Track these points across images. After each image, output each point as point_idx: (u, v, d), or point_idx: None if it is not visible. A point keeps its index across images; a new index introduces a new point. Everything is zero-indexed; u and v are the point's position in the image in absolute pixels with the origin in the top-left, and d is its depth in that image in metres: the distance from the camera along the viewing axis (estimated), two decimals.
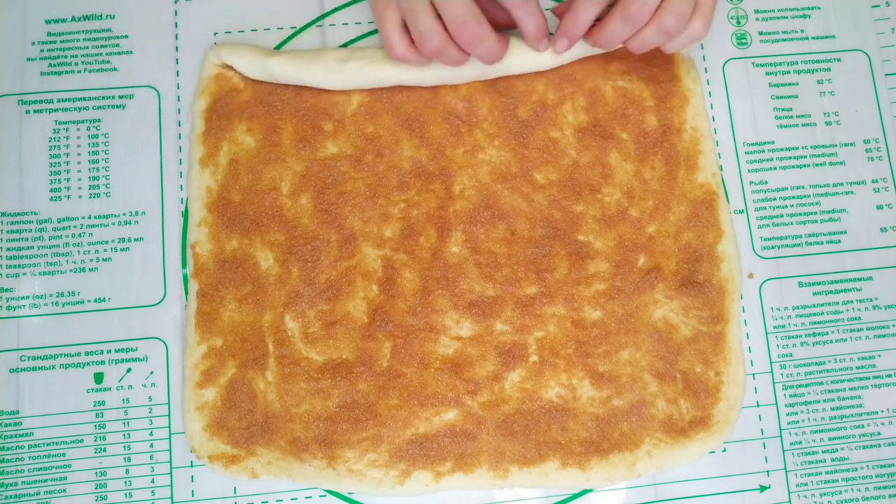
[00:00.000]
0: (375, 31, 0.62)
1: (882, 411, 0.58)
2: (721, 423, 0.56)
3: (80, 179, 0.59)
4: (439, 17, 0.53)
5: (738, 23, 0.63)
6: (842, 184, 0.61)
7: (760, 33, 0.63)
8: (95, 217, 0.58)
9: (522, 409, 0.56)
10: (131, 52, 0.61)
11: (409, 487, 0.55)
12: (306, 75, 0.58)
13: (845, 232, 0.60)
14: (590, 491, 0.56)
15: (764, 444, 0.57)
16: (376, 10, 0.56)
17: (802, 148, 0.62)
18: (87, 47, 0.61)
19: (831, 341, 0.59)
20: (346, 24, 0.62)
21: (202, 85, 0.60)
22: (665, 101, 0.60)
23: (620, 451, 0.55)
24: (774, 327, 0.59)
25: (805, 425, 0.58)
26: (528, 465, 0.55)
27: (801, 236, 0.60)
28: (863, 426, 0.58)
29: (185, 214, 0.59)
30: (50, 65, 0.60)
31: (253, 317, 0.57)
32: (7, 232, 0.58)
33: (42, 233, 0.58)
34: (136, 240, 0.58)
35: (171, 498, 0.55)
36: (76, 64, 0.60)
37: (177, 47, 0.61)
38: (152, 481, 0.55)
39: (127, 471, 0.55)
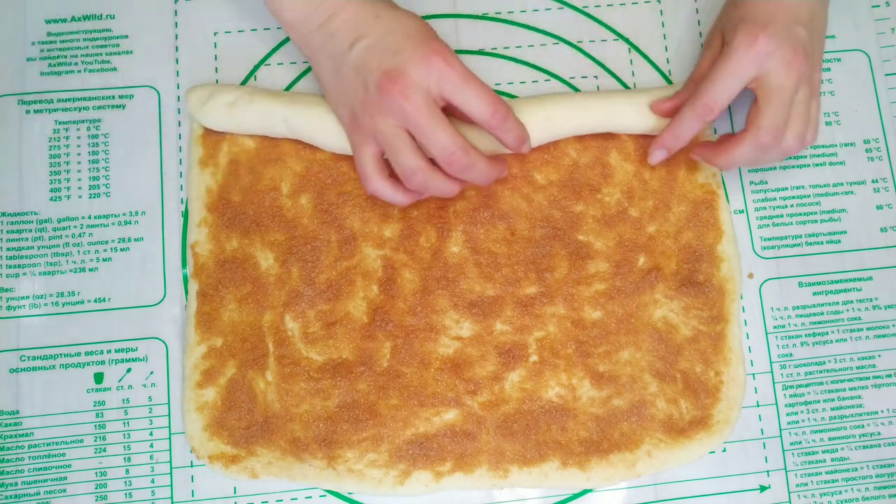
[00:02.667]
0: None
1: (882, 411, 0.58)
2: (721, 423, 0.56)
3: (80, 179, 0.59)
4: (420, 148, 0.52)
5: None
6: (842, 184, 0.61)
7: None
8: (95, 217, 0.58)
9: (522, 409, 0.56)
10: (131, 52, 0.61)
11: (409, 487, 0.55)
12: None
13: (845, 232, 0.60)
14: (590, 491, 0.56)
15: (764, 444, 0.57)
16: (352, 141, 0.55)
17: None
18: (87, 47, 0.61)
19: (831, 341, 0.59)
20: None
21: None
22: None
23: (620, 451, 0.55)
24: (774, 327, 0.59)
25: (805, 425, 0.58)
26: (528, 465, 0.55)
27: (801, 236, 0.60)
28: (863, 426, 0.58)
29: (185, 214, 0.59)
30: (50, 65, 0.60)
31: (253, 317, 0.57)
32: (7, 232, 0.58)
33: (42, 233, 0.58)
34: (136, 240, 0.58)
35: (171, 498, 0.55)
36: (76, 64, 0.60)
37: (177, 47, 0.61)
38: (152, 481, 0.55)
39: (127, 471, 0.55)
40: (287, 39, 0.61)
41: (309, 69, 0.61)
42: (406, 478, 0.55)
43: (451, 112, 0.53)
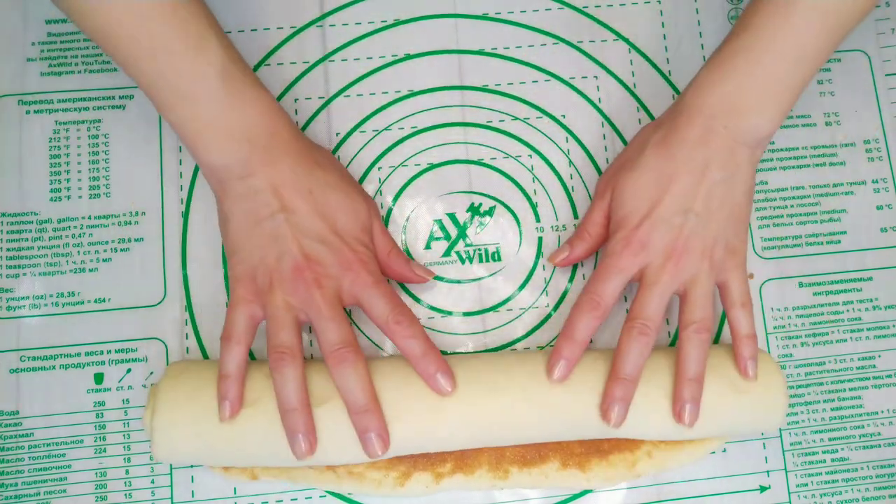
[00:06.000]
0: (376, 32, 0.62)
1: (882, 411, 0.58)
2: None
3: (80, 179, 0.59)
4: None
5: None
6: (842, 184, 0.61)
7: None
8: (95, 217, 0.58)
9: None
10: None
11: (409, 489, 0.54)
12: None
13: (845, 232, 0.60)
14: (590, 491, 0.56)
15: (764, 444, 0.57)
16: (236, 293, 0.51)
17: (802, 148, 0.61)
18: (87, 47, 0.61)
19: (831, 341, 0.59)
20: (347, 24, 0.62)
21: None
22: None
23: (621, 451, 0.55)
24: (775, 327, 0.59)
25: (805, 425, 0.58)
26: (529, 466, 0.55)
27: (801, 236, 0.60)
28: (863, 426, 0.58)
29: (185, 214, 0.59)
30: (50, 65, 0.60)
31: None
32: (7, 232, 0.58)
33: (42, 233, 0.58)
34: (136, 240, 0.58)
35: (171, 498, 0.55)
36: (76, 64, 0.60)
37: None
38: (152, 481, 0.55)
39: (127, 471, 0.55)
40: (287, 39, 0.61)
41: (311, 67, 0.61)
42: (406, 479, 0.55)
43: None
